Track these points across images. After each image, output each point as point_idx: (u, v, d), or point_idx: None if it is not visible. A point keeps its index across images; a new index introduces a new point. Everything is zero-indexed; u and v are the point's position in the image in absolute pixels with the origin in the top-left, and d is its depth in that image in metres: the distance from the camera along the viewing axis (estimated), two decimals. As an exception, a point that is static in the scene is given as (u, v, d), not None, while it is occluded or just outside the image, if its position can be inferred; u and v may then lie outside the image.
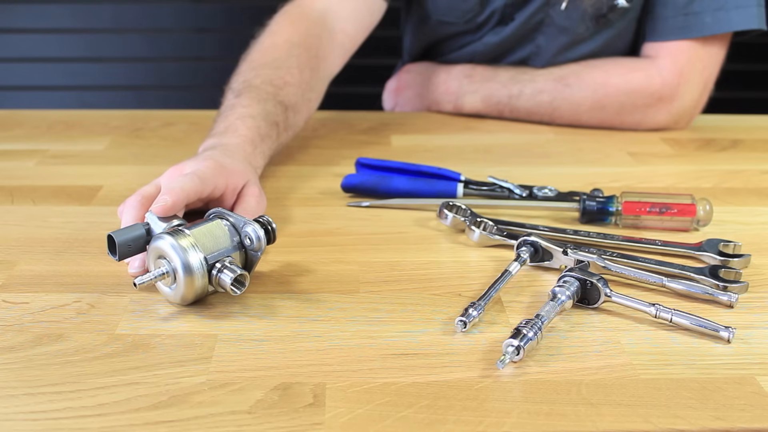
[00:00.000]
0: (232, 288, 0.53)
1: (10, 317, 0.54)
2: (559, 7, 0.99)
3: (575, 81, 0.99)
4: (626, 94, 0.97)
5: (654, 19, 0.99)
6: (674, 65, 0.97)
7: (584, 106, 0.98)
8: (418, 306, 0.56)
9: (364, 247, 0.66)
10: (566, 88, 0.99)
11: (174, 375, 0.48)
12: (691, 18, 0.95)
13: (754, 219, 0.74)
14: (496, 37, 1.04)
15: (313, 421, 0.44)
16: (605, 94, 0.98)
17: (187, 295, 0.54)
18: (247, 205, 0.65)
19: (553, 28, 1.01)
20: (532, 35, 1.03)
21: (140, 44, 1.63)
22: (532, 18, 1.01)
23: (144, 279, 0.53)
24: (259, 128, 0.74)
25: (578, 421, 0.44)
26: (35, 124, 0.99)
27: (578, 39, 1.01)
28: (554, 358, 0.50)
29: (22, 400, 0.45)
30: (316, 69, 0.85)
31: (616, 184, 0.81)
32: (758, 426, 0.44)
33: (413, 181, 0.76)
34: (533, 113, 1.01)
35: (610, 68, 0.99)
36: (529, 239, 0.61)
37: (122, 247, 0.56)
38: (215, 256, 0.54)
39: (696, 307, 0.57)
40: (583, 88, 0.98)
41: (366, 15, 0.94)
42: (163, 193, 0.58)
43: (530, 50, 1.04)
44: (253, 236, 0.55)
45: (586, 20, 1.00)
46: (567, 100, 0.99)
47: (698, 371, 0.49)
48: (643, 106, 0.98)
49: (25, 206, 0.73)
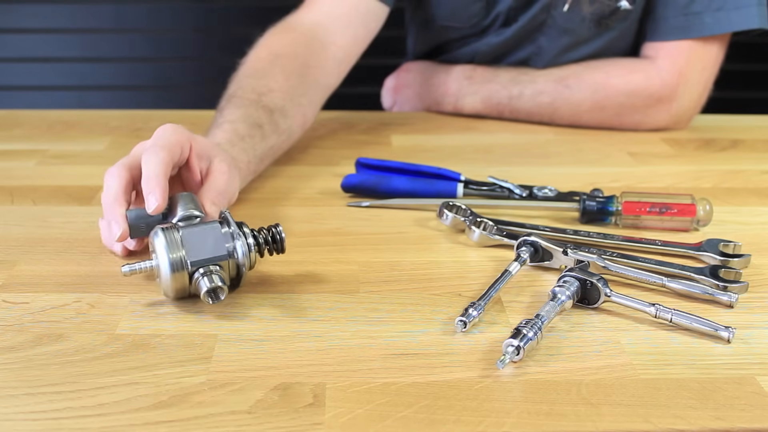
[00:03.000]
0: (206, 297, 0.53)
1: (10, 317, 0.54)
2: (562, 9, 0.99)
3: (575, 82, 0.99)
4: (626, 95, 0.98)
5: (654, 19, 0.99)
6: (673, 66, 0.97)
7: (584, 107, 0.99)
8: (418, 306, 0.56)
9: (364, 247, 0.66)
10: (566, 89, 0.99)
11: (174, 375, 0.48)
12: (691, 18, 0.95)
13: (754, 219, 0.74)
14: (498, 38, 1.04)
15: (313, 421, 0.44)
16: (605, 95, 0.98)
17: (168, 291, 0.55)
18: (215, 182, 0.62)
19: (555, 30, 1.01)
20: (534, 36, 1.03)
21: (140, 44, 1.63)
22: (534, 20, 1.01)
23: (130, 267, 0.54)
24: (237, 130, 0.73)
25: (578, 421, 0.44)
26: (35, 124, 0.99)
27: (580, 40, 1.01)
28: (554, 358, 0.50)
29: (22, 400, 0.45)
30: (304, 75, 0.85)
31: (616, 184, 0.81)
32: (758, 426, 0.44)
33: (413, 181, 0.76)
34: (533, 114, 1.01)
35: (610, 69, 0.99)
36: (529, 239, 0.61)
37: (134, 226, 0.57)
38: (202, 261, 0.54)
39: (696, 307, 0.57)
40: (583, 89, 0.98)
41: (360, 27, 0.92)
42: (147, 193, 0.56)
43: (531, 51, 1.04)
44: (239, 251, 0.55)
45: (588, 22, 1.00)
46: (567, 101, 0.99)
47: (698, 371, 0.49)
48: (642, 107, 0.98)
49: (25, 206, 0.73)
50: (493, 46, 1.06)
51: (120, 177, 0.59)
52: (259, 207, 0.74)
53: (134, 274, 0.55)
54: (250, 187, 0.78)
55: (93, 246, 0.65)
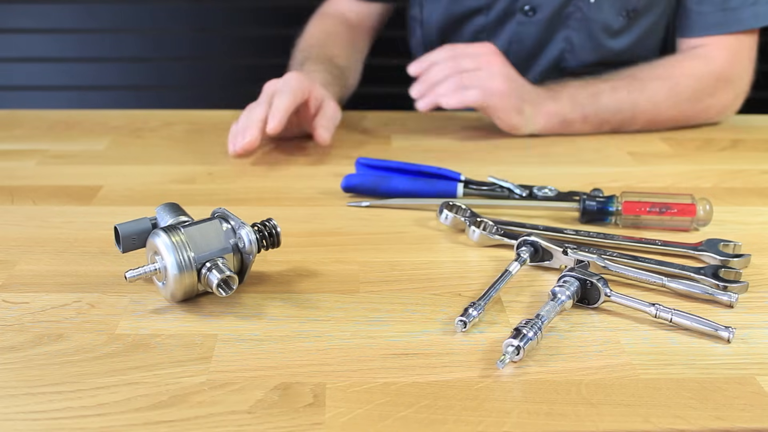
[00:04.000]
0: (218, 289, 0.53)
1: (10, 317, 0.54)
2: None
3: (647, 75, 0.98)
4: (696, 78, 0.98)
5: (689, 15, 1.00)
6: (722, 51, 0.99)
7: (660, 96, 0.97)
8: (418, 306, 0.56)
9: (364, 247, 0.66)
10: (639, 82, 0.97)
11: (174, 375, 0.48)
12: (729, 14, 0.97)
13: (754, 219, 0.74)
14: (524, 28, 1.04)
15: (313, 421, 0.44)
16: (677, 82, 0.98)
17: (176, 292, 0.54)
18: (327, 111, 0.88)
19: (584, 23, 1.02)
20: (563, 30, 1.04)
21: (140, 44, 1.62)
22: (561, 10, 1.02)
23: (135, 273, 0.53)
24: (325, 78, 0.95)
25: (578, 421, 0.44)
26: (35, 124, 0.99)
27: (611, 33, 1.02)
28: (554, 358, 0.50)
29: (22, 400, 0.45)
30: (349, 46, 1.10)
31: (616, 184, 0.81)
32: (758, 426, 0.44)
33: (413, 181, 0.76)
34: (615, 112, 0.96)
35: (669, 62, 1.00)
36: (529, 239, 0.61)
37: (126, 240, 0.56)
38: (206, 256, 0.54)
39: (696, 307, 0.57)
40: (655, 80, 0.98)
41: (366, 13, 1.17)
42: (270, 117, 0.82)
43: (562, 47, 1.05)
44: (245, 239, 0.55)
45: (616, 12, 1.01)
46: (643, 93, 0.97)
47: (698, 371, 0.49)
48: (712, 90, 0.99)
49: (25, 206, 0.73)
50: (525, 45, 1.06)
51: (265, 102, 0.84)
52: (259, 207, 0.74)
53: (139, 278, 0.53)
54: (250, 187, 0.78)
55: (93, 246, 0.65)
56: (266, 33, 1.54)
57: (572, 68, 1.07)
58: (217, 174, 0.82)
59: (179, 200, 0.62)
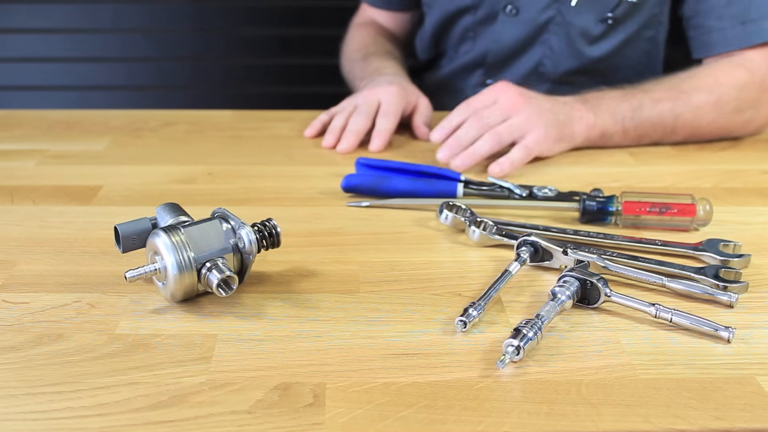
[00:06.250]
0: (218, 289, 0.53)
1: (10, 317, 0.54)
2: (569, 3, 0.99)
3: (688, 86, 0.94)
4: (739, 89, 0.94)
5: (708, 32, 0.97)
6: (759, 61, 0.95)
7: (705, 109, 0.93)
8: (418, 306, 0.56)
9: (364, 247, 0.66)
10: (683, 93, 0.93)
11: (174, 375, 0.48)
12: (750, 26, 0.94)
13: (754, 219, 0.74)
14: (506, 29, 1.05)
15: (313, 421, 0.44)
16: (721, 92, 0.93)
17: (176, 292, 0.54)
18: (423, 109, 0.96)
19: (563, 27, 1.02)
20: (543, 34, 1.04)
21: (140, 44, 1.62)
22: (542, 13, 1.02)
23: (135, 273, 0.53)
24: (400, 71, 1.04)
25: (578, 421, 0.44)
26: (35, 124, 0.99)
27: (589, 39, 1.02)
28: (554, 358, 0.50)
29: (22, 400, 0.45)
30: (395, 43, 1.20)
31: (616, 184, 0.81)
32: (758, 426, 0.44)
33: (413, 181, 0.76)
34: (656, 125, 0.93)
35: (711, 72, 0.95)
36: (529, 239, 0.61)
37: (126, 240, 0.56)
38: (206, 256, 0.54)
39: (696, 307, 0.57)
40: (699, 90, 0.93)
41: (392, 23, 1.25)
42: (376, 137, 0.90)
43: (542, 52, 1.05)
44: (245, 239, 0.55)
45: (596, 18, 1.01)
46: (687, 105, 0.93)
47: (698, 371, 0.49)
48: (754, 100, 0.95)
49: (25, 206, 0.73)
50: (503, 45, 1.06)
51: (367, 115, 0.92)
52: (259, 207, 0.74)
53: (139, 278, 0.54)
54: (250, 187, 0.78)
55: (93, 246, 0.65)
56: (266, 33, 1.54)
57: (551, 74, 1.07)
58: (217, 174, 0.82)
59: (179, 200, 0.62)
